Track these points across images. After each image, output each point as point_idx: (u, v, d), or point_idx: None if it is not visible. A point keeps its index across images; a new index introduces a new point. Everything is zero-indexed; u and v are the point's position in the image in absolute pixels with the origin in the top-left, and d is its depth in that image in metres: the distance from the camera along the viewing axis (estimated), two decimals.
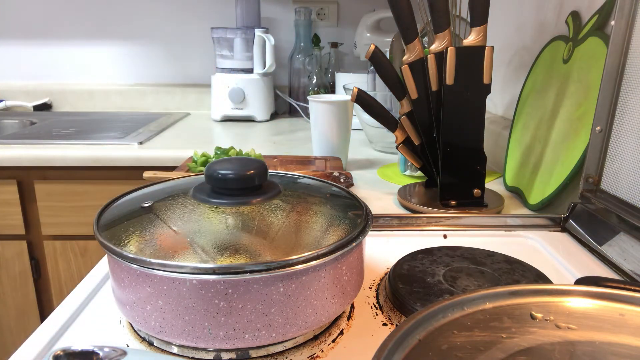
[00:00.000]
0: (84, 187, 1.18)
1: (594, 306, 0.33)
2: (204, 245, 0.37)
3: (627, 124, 0.58)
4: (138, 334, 0.42)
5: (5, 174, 1.17)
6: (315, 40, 1.59)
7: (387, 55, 0.94)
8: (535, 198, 0.74)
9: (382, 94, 1.09)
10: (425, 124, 0.74)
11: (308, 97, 1.01)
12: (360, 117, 1.16)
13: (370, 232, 0.42)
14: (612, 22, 0.58)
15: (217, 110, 1.54)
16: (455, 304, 0.32)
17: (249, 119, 1.55)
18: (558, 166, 0.70)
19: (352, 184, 0.86)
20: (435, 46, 0.69)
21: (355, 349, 0.41)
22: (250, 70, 1.52)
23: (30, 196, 1.20)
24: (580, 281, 0.46)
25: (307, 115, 1.45)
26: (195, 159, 0.92)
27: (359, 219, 0.42)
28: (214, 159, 0.66)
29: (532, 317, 0.32)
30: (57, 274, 1.25)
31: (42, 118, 1.54)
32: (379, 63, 0.74)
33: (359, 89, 0.78)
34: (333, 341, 0.42)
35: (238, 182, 0.42)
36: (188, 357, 0.39)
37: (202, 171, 0.83)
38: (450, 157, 0.71)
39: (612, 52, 0.59)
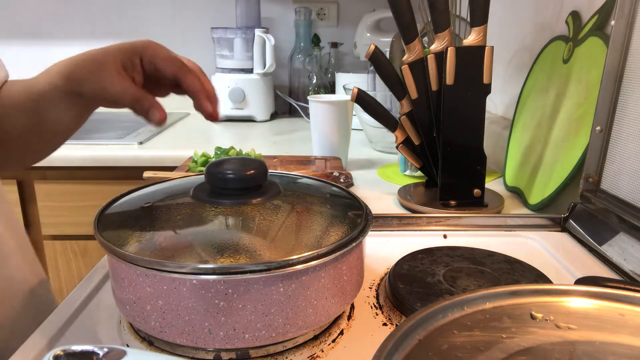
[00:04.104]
0: (84, 187, 1.18)
1: (594, 306, 0.33)
2: (204, 245, 0.37)
3: (627, 124, 0.58)
4: (138, 334, 0.42)
5: (5, 174, 1.16)
6: (315, 40, 1.59)
7: (387, 55, 0.94)
8: (535, 198, 0.74)
9: (382, 94, 1.09)
10: (425, 124, 0.74)
11: (308, 97, 1.01)
12: (360, 117, 1.16)
13: (370, 232, 0.42)
14: (612, 22, 0.58)
15: None
16: (455, 304, 0.32)
17: (249, 119, 1.55)
18: (558, 166, 0.70)
19: (352, 184, 0.86)
20: (435, 46, 0.69)
21: (355, 349, 0.41)
22: (250, 70, 1.52)
23: (30, 196, 1.20)
24: (580, 281, 0.46)
25: (307, 115, 1.45)
26: (195, 159, 0.92)
27: (359, 219, 0.42)
28: (214, 159, 0.66)
29: (532, 317, 0.32)
30: (57, 274, 1.25)
31: None
32: (379, 63, 0.74)
33: (359, 89, 0.78)
34: (333, 341, 0.42)
35: (238, 182, 0.42)
36: (188, 357, 0.39)
37: (202, 171, 0.83)
38: (450, 157, 0.71)
39: (612, 52, 0.59)
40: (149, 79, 0.48)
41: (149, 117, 0.45)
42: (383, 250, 0.60)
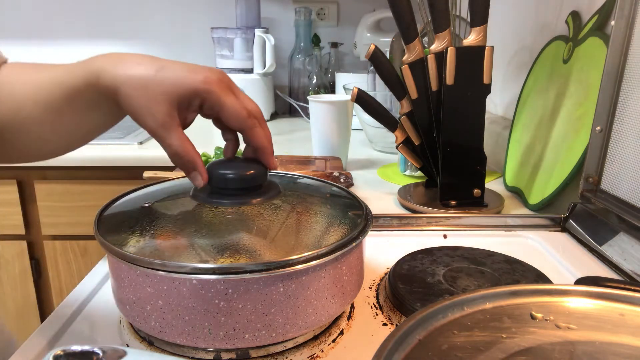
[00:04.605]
0: (84, 187, 1.18)
1: (594, 306, 0.33)
2: (204, 245, 0.37)
3: (627, 124, 0.58)
4: (138, 334, 0.42)
5: (5, 174, 1.17)
6: (315, 40, 1.59)
7: (387, 55, 0.94)
8: (535, 198, 0.74)
9: (382, 94, 1.09)
10: (425, 124, 0.74)
11: (308, 97, 1.01)
12: (360, 117, 1.16)
13: (370, 232, 0.42)
14: (612, 22, 0.58)
15: None
16: (455, 304, 0.32)
17: None
18: (558, 166, 0.70)
19: (352, 184, 0.86)
20: (435, 46, 0.69)
21: (355, 349, 0.41)
22: (250, 70, 1.52)
23: (30, 196, 1.20)
24: (580, 281, 0.46)
25: (307, 115, 1.45)
26: None
27: (359, 219, 0.42)
28: (214, 159, 0.66)
29: (532, 317, 0.32)
30: (57, 274, 1.25)
31: None
32: (379, 63, 0.74)
33: (359, 89, 0.78)
34: (333, 341, 0.42)
35: (238, 182, 0.42)
36: (188, 357, 0.39)
37: None
38: (450, 157, 0.71)
39: (612, 52, 0.59)
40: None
41: (189, 178, 0.42)
42: (383, 250, 0.60)
